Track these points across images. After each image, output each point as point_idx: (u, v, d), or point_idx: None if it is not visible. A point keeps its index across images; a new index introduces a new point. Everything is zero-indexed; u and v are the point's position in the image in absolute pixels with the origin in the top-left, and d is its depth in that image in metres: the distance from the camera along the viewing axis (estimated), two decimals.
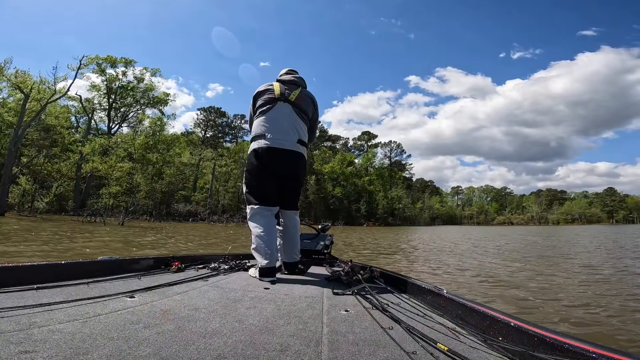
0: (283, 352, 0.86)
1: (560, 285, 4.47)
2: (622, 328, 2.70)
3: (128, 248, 7.63)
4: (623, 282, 4.72)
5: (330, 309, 1.38)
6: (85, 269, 1.70)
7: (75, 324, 0.97)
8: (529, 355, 0.88)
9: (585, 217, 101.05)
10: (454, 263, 6.89)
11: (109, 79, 35.59)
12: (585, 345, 0.79)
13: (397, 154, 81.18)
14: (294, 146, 2.23)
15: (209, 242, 10.78)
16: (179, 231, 15.90)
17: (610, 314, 3.07)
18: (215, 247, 9.25)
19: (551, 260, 7.54)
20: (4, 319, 0.95)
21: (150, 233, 13.18)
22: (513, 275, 5.34)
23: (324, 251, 2.91)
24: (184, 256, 2.43)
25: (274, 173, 2.21)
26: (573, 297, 3.73)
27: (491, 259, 7.63)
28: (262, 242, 2.07)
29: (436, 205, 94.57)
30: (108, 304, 1.22)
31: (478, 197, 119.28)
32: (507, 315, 1.07)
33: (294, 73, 2.47)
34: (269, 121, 2.21)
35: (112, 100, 36.25)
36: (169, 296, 1.44)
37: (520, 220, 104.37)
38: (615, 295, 3.80)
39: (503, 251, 9.86)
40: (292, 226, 2.34)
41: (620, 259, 7.69)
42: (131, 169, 28.95)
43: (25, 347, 0.77)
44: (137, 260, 2.06)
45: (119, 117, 37.88)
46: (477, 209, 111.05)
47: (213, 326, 1.04)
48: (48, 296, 1.26)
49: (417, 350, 0.93)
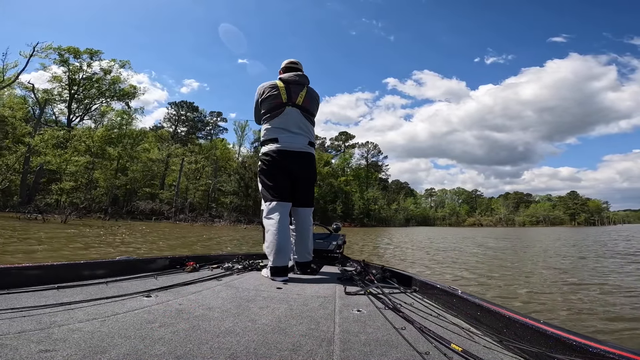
0: (295, 352, 0.87)
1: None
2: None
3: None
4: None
5: (343, 309, 1.37)
6: (104, 269, 1.75)
7: (94, 322, 0.99)
8: (545, 356, 0.86)
9: (549, 219, 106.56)
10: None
11: (72, 70, 33.89)
12: (604, 347, 0.78)
13: (374, 155, 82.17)
14: (306, 147, 2.31)
15: (155, 247, 8.65)
16: (132, 231, 14.84)
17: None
18: (164, 250, 8.04)
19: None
20: (25, 318, 0.97)
21: (92, 233, 12.06)
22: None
23: (336, 251, 2.95)
24: (198, 256, 2.47)
25: (287, 174, 2.25)
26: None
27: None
28: (275, 240, 2.07)
29: (411, 206, 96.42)
30: (126, 303, 1.25)
31: (450, 199, 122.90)
32: (523, 316, 1.06)
33: (297, 66, 2.48)
34: (279, 126, 2.27)
35: (74, 92, 34.45)
36: (184, 295, 1.45)
37: (489, 222, 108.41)
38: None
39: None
40: (305, 225, 2.34)
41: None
42: (88, 164, 26.99)
43: (45, 346, 0.78)
44: (153, 260, 2.14)
45: (81, 110, 36.06)
46: (449, 211, 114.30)
47: (226, 325, 1.06)
48: (68, 295, 1.28)
49: (431, 350, 0.92)
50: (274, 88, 2.30)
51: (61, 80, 33.73)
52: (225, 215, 36.31)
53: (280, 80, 2.37)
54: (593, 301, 3.81)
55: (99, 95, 36.15)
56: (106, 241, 9.10)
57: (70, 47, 33.07)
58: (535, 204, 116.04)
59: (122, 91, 36.88)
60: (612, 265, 6.94)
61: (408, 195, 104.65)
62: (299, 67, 2.49)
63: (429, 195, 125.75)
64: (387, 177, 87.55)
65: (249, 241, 12.23)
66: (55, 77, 33.27)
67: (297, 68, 2.48)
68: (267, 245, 2.12)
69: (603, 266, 6.85)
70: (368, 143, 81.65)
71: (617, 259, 8.24)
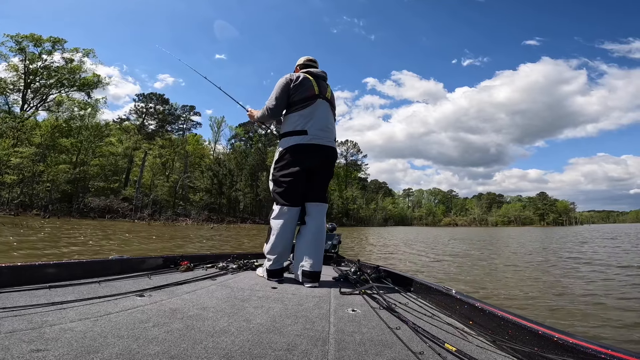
0: (290, 352, 0.87)
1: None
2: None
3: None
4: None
5: (338, 309, 1.38)
6: (97, 268, 1.73)
7: (86, 322, 0.98)
8: (538, 355, 0.87)
9: (520, 220, 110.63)
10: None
11: (29, 58, 31.85)
12: (595, 346, 0.79)
13: (353, 154, 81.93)
14: (333, 143, 2.23)
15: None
16: (60, 233, 12.75)
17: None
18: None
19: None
20: (17, 318, 0.96)
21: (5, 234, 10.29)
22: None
23: (331, 250, 2.97)
24: (192, 255, 2.43)
25: (310, 169, 2.13)
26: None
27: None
28: (279, 243, 2.03)
29: (389, 206, 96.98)
30: (118, 302, 1.24)
31: (427, 199, 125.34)
32: (516, 316, 1.06)
33: (315, 63, 2.39)
34: (310, 117, 2.14)
35: (30, 81, 32.26)
36: (178, 295, 1.44)
37: (464, 222, 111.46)
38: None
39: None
40: (321, 225, 2.15)
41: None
42: (34, 155, 24.36)
43: (37, 346, 0.78)
44: (147, 259, 2.11)
45: (37, 100, 33.50)
46: (426, 211, 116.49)
47: (221, 325, 1.06)
48: (60, 295, 1.27)
49: (425, 350, 0.92)
50: (305, 79, 2.18)
51: (17, 69, 31.63)
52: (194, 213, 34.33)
53: (308, 73, 2.25)
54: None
55: (58, 85, 33.81)
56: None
57: (31, 35, 31.20)
58: (507, 205, 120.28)
59: (83, 80, 34.51)
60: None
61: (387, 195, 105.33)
62: (317, 64, 2.40)
63: (407, 195, 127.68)
64: (367, 177, 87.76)
65: (200, 242, 10.79)
66: (11, 65, 31.21)
67: (316, 66, 2.39)
68: (269, 246, 2.07)
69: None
70: (347, 141, 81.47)
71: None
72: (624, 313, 3.36)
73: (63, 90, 34.34)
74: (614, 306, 3.62)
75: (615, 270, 6.27)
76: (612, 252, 9.89)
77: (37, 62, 32.44)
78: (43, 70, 32.82)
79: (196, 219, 33.07)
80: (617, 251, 10.33)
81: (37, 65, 32.48)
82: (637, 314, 3.32)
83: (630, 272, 6.05)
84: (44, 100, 33.88)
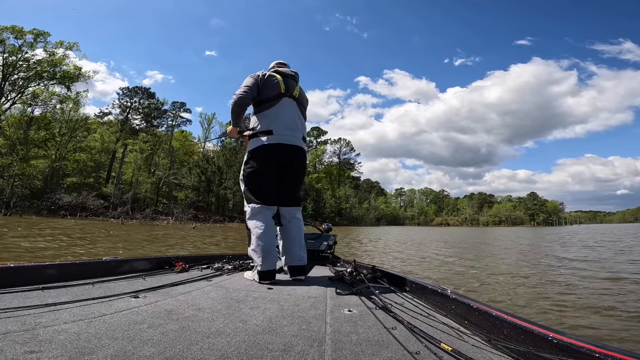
0: (286, 352, 0.87)
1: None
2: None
3: None
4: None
5: (334, 309, 1.38)
6: (90, 269, 1.71)
7: (80, 324, 0.98)
8: (533, 355, 0.87)
9: (510, 220, 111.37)
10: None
11: (9, 50, 30.88)
12: (589, 345, 0.80)
13: (346, 152, 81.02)
14: (300, 142, 2.23)
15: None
16: None
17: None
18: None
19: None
20: (10, 319, 0.96)
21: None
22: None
23: (327, 251, 2.99)
24: (187, 256, 2.46)
25: (279, 170, 2.15)
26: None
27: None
28: (262, 243, 2.01)
29: (382, 205, 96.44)
30: (113, 304, 1.23)
31: (419, 198, 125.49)
32: (512, 315, 1.07)
33: (286, 66, 2.42)
34: (275, 117, 2.15)
35: (7, 73, 31.15)
36: (173, 296, 1.44)
37: (455, 222, 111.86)
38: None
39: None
40: (296, 225, 2.22)
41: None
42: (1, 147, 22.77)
43: (30, 347, 0.78)
44: (141, 260, 2.11)
45: (15, 93, 32.35)
46: (418, 210, 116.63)
47: (217, 326, 1.05)
48: (54, 296, 1.26)
49: (421, 350, 0.93)
50: (273, 77, 2.20)
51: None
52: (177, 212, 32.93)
53: (276, 72, 2.27)
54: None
55: (37, 77, 32.65)
56: None
57: (12, 26, 30.12)
58: (498, 205, 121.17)
59: (63, 73, 33.36)
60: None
61: (379, 194, 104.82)
62: (288, 67, 2.42)
63: (399, 194, 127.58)
64: (360, 176, 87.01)
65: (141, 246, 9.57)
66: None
67: (288, 67, 2.42)
68: (252, 248, 2.04)
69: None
70: (340, 139, 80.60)
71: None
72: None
73: (42, 83, 33.16)
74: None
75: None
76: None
77: (17, 55, 31.33)
78: (22, 63, 31.67)
79: (180, 218, 31.69)
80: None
81: (16, 58, 31.37)
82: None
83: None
84: (21, 93, 32.66)
